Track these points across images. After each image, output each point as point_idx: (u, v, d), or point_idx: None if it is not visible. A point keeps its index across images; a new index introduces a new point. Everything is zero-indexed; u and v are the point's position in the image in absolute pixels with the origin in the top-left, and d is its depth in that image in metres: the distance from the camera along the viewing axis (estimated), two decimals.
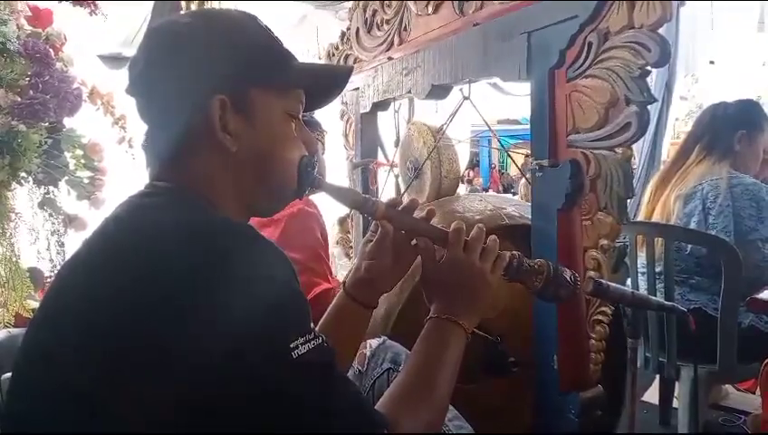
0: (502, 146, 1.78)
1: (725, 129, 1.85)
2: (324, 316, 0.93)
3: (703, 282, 1.74)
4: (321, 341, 0.60)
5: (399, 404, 0.71)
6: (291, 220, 1.66)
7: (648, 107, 0.94)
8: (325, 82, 0.83)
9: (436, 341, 0.79)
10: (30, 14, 1.58)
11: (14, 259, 1.55)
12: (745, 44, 4.01)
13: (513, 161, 1.93)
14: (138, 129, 0.77)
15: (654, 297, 1.14)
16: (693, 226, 1.75)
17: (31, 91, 1.46)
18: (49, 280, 1.69)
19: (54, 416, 0.56)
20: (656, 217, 1.88)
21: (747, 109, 1.91)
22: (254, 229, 0.63)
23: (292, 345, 0.56)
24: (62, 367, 0.57)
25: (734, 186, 1.72)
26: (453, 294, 0.82)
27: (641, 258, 1.79)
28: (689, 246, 1.75)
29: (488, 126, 1.66)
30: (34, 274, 1.71)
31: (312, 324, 0.61)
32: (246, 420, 0.54)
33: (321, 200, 1.77)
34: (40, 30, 1.58)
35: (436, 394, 0.73)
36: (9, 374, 0.65)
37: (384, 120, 2.03)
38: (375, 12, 1.75)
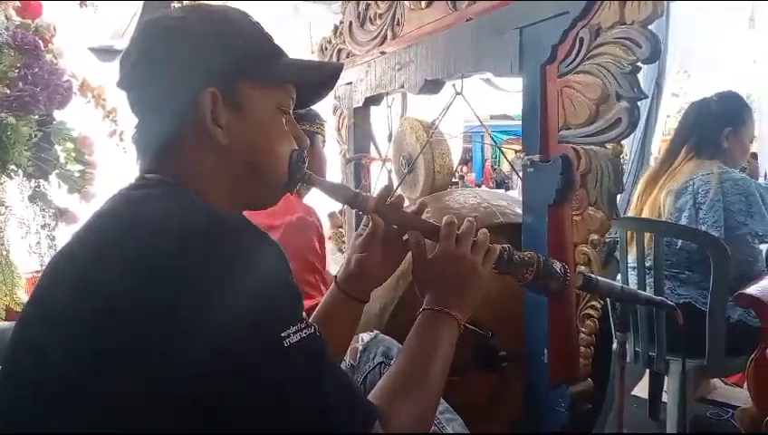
0: (494, 141, 1.78)
1: (712, 128, 1.86)
2: (316, 310, 0.93)
3: (693, 277, 1.76)
4: (313, 330, 0.60)
5: (391, 395, 0.71)
6: (289, 228, 1.62)
7: (639, 103, 0.95)
8: (316, 77, 0.83)
9: (429, 332, 0.79)
10: (19, 4, 1.57)
11: (3, 253, 1.54)
12: (736, 42, 4.03)
13: (505, 157, 1.95)
14: (128, 122, 0.77)
15: (643, 292, 1.15)
16: (684, 220, 1.76)
17: (20, 84, 1.45)
18: (38, 273, 1.68)
19: (44, 410, 0.56)
20: (645, 216, 1.89)
21: (730, 105, 1.91)
22: (246, 219, 0.63)
23: (283, 334, 0.56)
24: (52, 360, 0.56)
25: (725, 181, 1.73)
26: (445, 287, 0.83)
27: (632, 254, 1.80)
28: (680, 241, 1.77)
29: (480, 121, 1.66)
30: None
31: (304, 314, 0.62)
32: (237, 408, 0.54)
33: (312, 195, 1.76)
34: (29, 21, 1.57)
35: (428, 385, 0.73)
36: None
37: (377, 115, 2.03)
38: (368, 6, 1.75)
